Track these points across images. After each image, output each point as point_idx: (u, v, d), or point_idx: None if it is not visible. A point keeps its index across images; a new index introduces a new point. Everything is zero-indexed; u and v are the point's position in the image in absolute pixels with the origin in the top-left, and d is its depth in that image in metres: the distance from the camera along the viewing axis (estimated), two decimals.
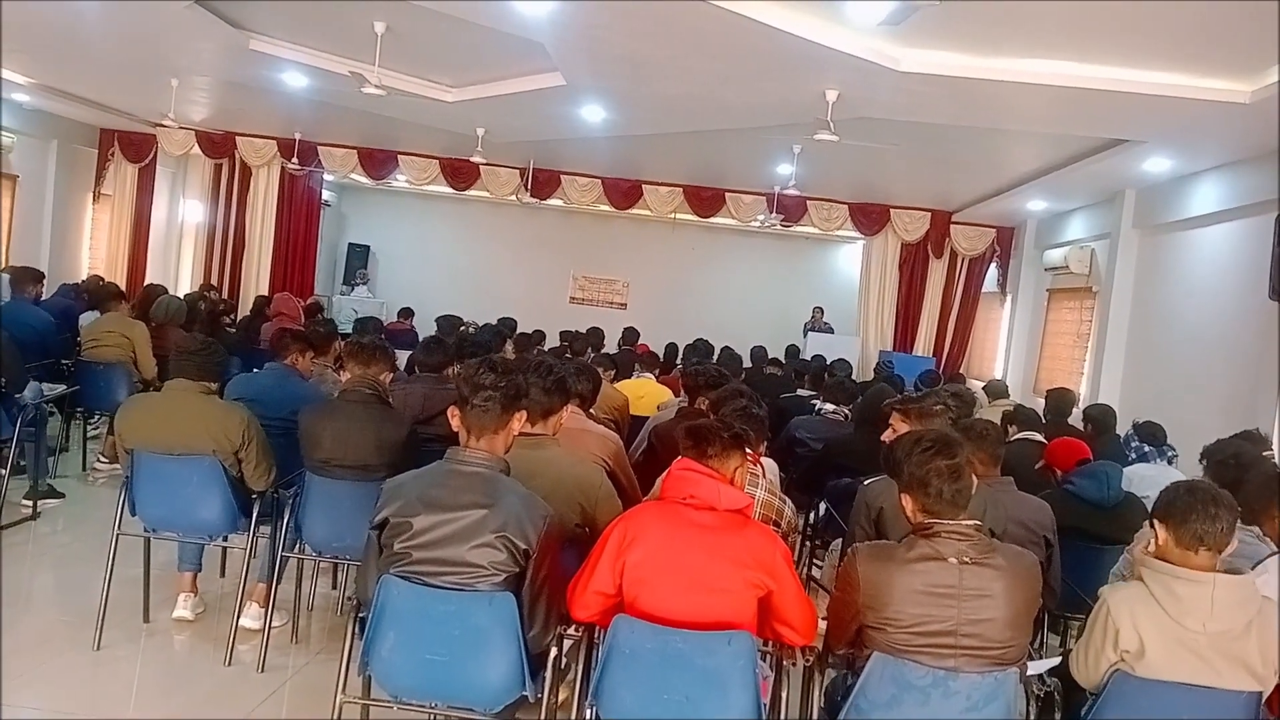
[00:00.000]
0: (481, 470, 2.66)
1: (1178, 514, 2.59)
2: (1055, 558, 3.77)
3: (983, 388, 8.43)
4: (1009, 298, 12.35)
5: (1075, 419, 6.75)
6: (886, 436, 3.71)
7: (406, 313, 11.98)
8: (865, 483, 3.69)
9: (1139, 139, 7.32)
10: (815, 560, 5.09)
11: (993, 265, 12.61)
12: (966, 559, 2.42)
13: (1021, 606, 2.47)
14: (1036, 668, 2.58)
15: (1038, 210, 11.20)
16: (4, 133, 10.67)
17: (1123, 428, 6.45)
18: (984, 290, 12.80)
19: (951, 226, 12.51)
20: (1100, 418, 6.12)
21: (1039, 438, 5.01)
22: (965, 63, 6.01)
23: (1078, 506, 4.16)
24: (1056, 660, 2.74)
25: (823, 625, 2.76)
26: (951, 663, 2.43)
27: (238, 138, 12.53)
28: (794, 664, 2.79)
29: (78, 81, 10.11)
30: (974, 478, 2.52)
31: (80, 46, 8.10)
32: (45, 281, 7.70)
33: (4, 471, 5.39)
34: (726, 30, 5.63)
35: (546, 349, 8.29)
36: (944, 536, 2.44)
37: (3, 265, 9.68)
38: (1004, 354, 12.22)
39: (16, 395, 5.39)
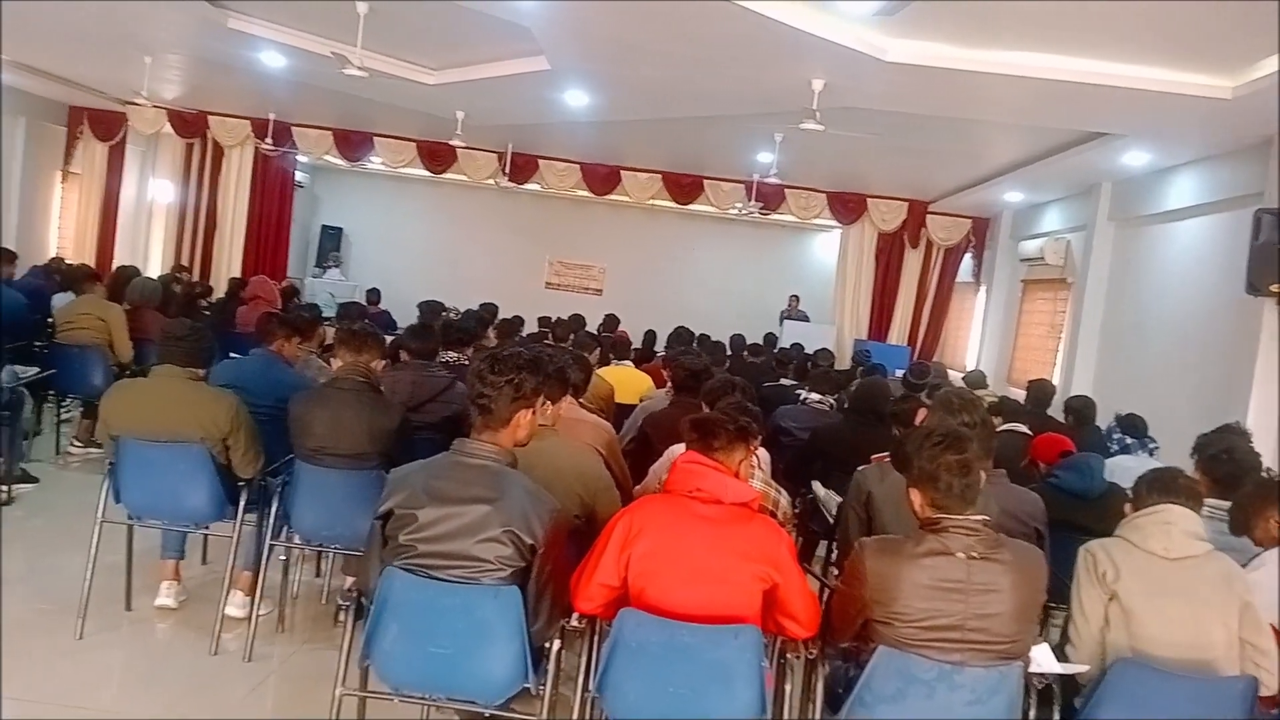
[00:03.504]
0: (488, 463, 2.64)
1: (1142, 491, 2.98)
2: (1045, 549, 3.80)
3: (962, 378, 8.49)
4: (983, 288, 12.47)
5: (1054, 409, 6.81)
6: None
7: (374, 295, 11.84)
8: (859, 469, 3.71)
9: (1119, 133, 7.40)
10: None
11: (967, 255, 12.71)
12: (975, 554, 2.44)
13: (1028, 600, 2.49)
14: (1044, 666, 2.59)
15: (1014, 201, 11.30)
16: None
17: (1100, 419, 6.51)
18: (959, 280, 12.90)
19: (928, 216, 12.60)
20: (1081, 409, 6.17)
21: (1024, 429, 5.04)
22: (951, 54, 6.04)
23: (1062, 498, 4.19)
24: (1083, 668, 2.77)
25: None
26: (958, 656, 2.44)
27: (210, 117, 12.34)
28: (798, 657, 2.79)
29: (47, 57, 9.90)
30: (982, 473, 2.53)
31: (51, 21, 7.91)
32: (17, 261, 7.54)
33: None
34: (717, 16, 5.61)
35: (524, 335, 8.24)
36: (952, 531, 2.45)
37: None
38: (978, 344, 12.33)
39: None
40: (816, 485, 4.80)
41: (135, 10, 7.33)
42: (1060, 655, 2.79)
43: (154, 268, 12.44)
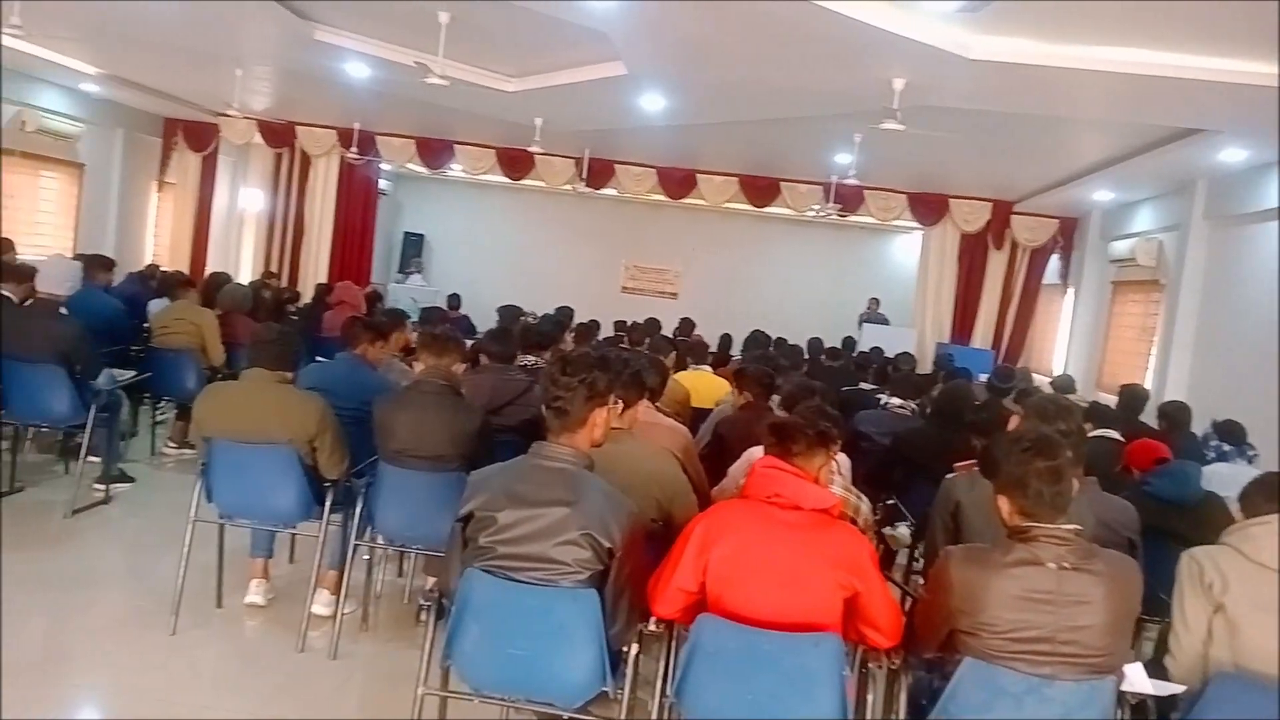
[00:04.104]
0: (565, 466, 2.65)
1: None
2: (1139, 559, 3.68)
3: (1050, 383, 8.27)
4: (1071, 290, 12.11)
5: (1147, 415, 6.59)
6: None
7: (454, 299, 12.01)
8: (948, 476, 3.63)
9: (1214, 128, 7.12)
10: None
11: (1054, 256, 12.37)
12: (1065, 564, 2.36)
13: (1121, 613, 2.41)
14: (1137, 685, 2.50)
15: (1104, 201, 10.95)
16: (72, 122, 10.90)
17: (1196, 425, 6.28)
18: (1045, 282, 12.56)
19: (1013, 217, 12.29)
20: (1175, 415, 5.97)
21: (1116, 435, 4.89)
22: (1037, 50, 5.88)
23: (1156, 506, 4.06)
24: (1178, 689, 2.66)
25: None
26: (1048, 670, 2.37)
27: (298, 127, 12.69)
28: (880, 666, 2.74)
29: (144, 71, 10.27)
30: (1075, 481, 2.45)
31: (148, 36, 8.21)
32: (115, 269, 7.84)
33: (88, 456, 5.54)
34: (795, 16, 5.56)
35: (600, 339, 8.28)
36: (1042, 541, 2.38)
37: (73, 253, 9.90)
38: (1066, 347, 11.99)
39: (91, 382, 5.49)
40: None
41: (226, 24, 7.57)
42: (1157, 669, 2.69)
43: (244, 274, 12.82)
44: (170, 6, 7.07)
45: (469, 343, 5.22)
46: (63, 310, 5.54)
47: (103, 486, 5.76)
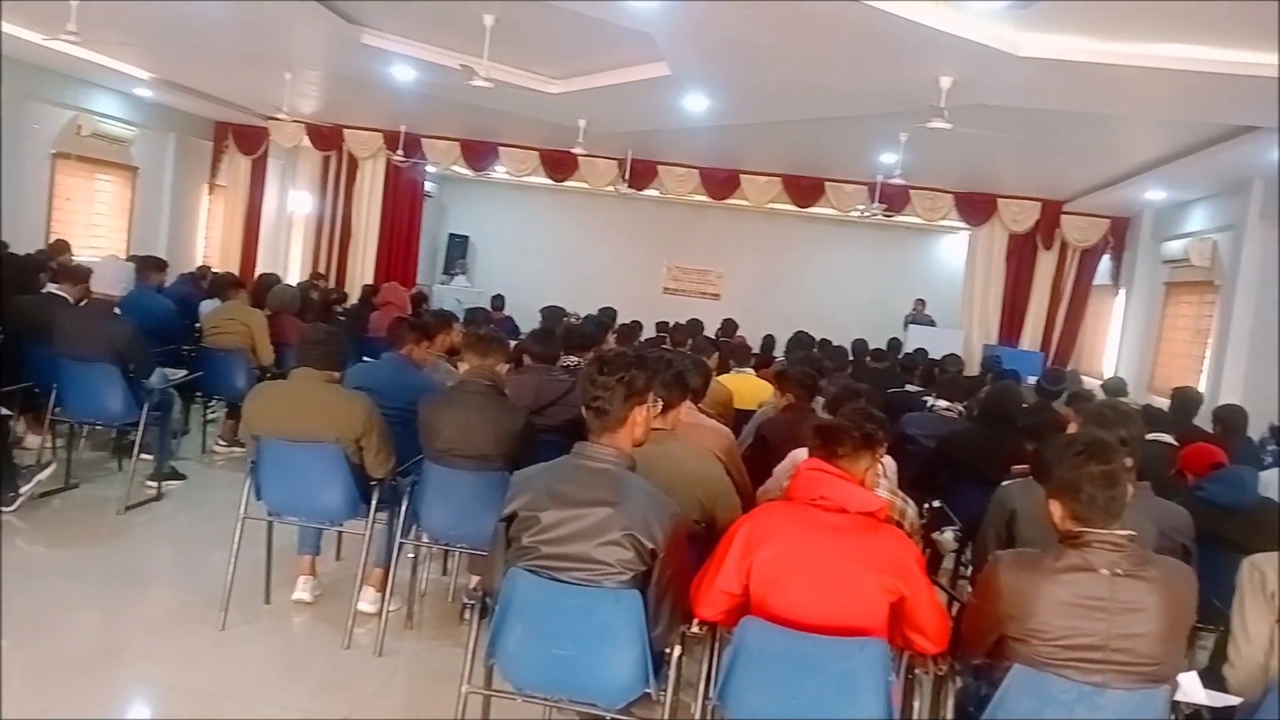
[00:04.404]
0: (608, 467, 2.64)
1: None
2: (1193, 565, 3.60)
3: (1101, 385, 8.12)
4: (1123, 291, 11.88)
5: (1200, 419, 6.45)
6: None
7: (498, 300, 12.09)
8: (1004, 483, 3.57)
9: (1269, 126, 6.93)
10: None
11: (1105, 257, 12.15)
12: (1119, 571, 2.31)
13: (1176, 621, 2.35)
14: (1191, 696, 2.43)
15: (1156, 200, 10.73)
16: (126, 126, 11.15)
17: (1252, 430, 6.13)
18: (1096, 283, 12.34)
19: (1062, 216, 12.09)
20: (1231, 419, 5.83)
21: (1169, 439, 4.78)
22: (1088, 47, 5.78)
23: (1210, 512, 3.96)
24: (1234, 700, 2.59)
25: None
26: (1099, 678, 2.32)
27: (345, 130, 12.85)
28: (926, 672, 2.70)
29: (196, 75, 10.48)
30: (1129, 486, 2.40)
31: (199, 41, 8.37)
32: (167, 270, 7.99)
33: (140, 454, 5.64)
34: (841, 15, 5.52)
35: (642, 340, 8.27)
36: (1095, 546, 2.33)
37: (126, 254, 10.11)
38: (1117, 349, 11.77)
39: (144, 381, 5.59)
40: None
41: (276, 28, 7.69)
42: (1213, 679, 2.63)
43: (293, 275, 13.01)
44: (221, 12, 7.20)
45: (513, 343, 5.25)
46: (117, 310, 5.65)
47: (155, 483, 5.87)
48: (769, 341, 9.70)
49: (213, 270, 10.40)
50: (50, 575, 4.57)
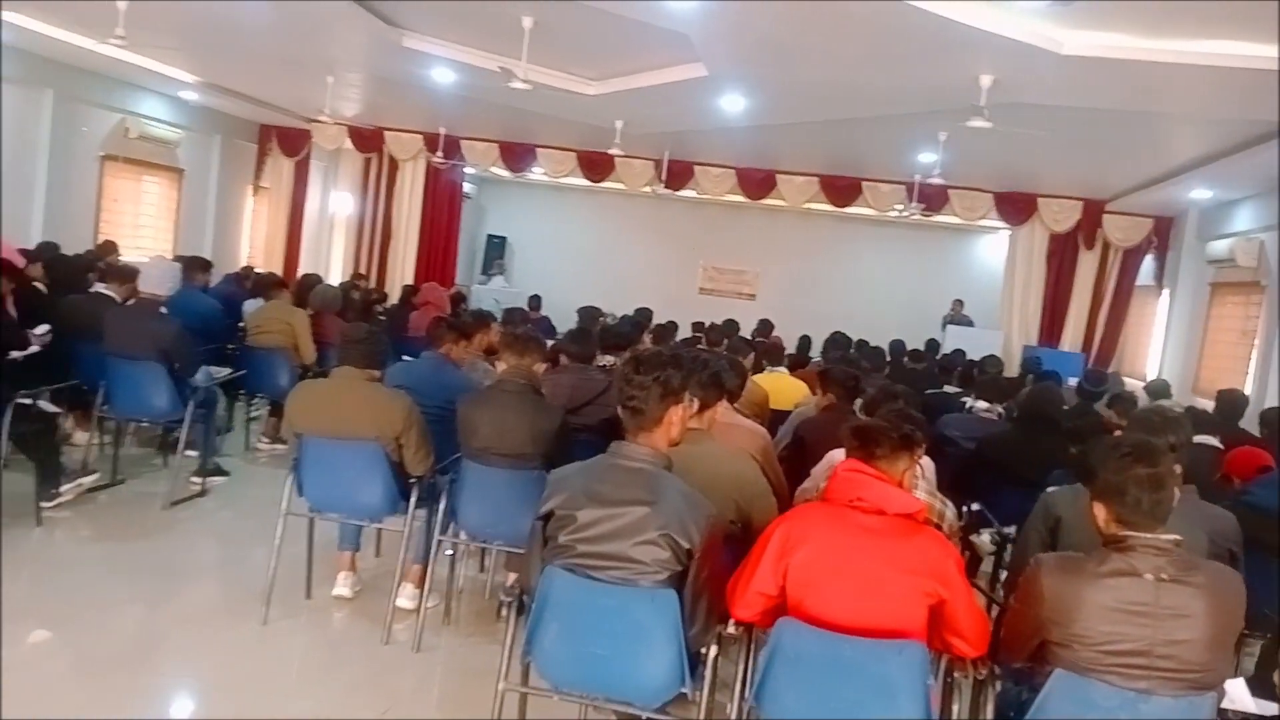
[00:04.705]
0: (644, 466, 2.65)
1: None
2: (1239, 571, 3.53)
3: (1144, 387, 8.00)
4: (1166, 291, 11.68)
5: (1246, 422, 6.32)
6: None
7: (535, 300, 12.15)
8: (1049, 489, 3.52)
9: None
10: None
11: (1149, 257, 11.95)
12: (1164, 576, 2.27)
13: (1223, 628, 2.31)
14: (1239, 703, 2.39)
15: (1201, 200, 10.53)
16: (172, 129, 11.34)
17: None
18: (1138, 283, 12.13)
19: (1104, 216, 11.91)
20: (1277, 422, 5.70)
21: (1215, 442, 4.70)
22: (1132, 44, 5.70)
23: (1256, 517, 3.89)
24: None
25: None
26: (1144, 684, 2.28)
27: (386, 132, 12.98)
28: (965, 676, 2.68)
29: (240, 79, 10.64)
30: (1176, 490, 2.36)
31: (243, 45, 8.50)
32: (212, 270, 8.11)
33: (185, 450, 5.75)
34: (881, 14, 5.48)
35: (678, 340, 8.27)
36: (1140, 551, 2.30)
37: (172, 255, 10.27)
38: (1160, 351, 11.57)
39: (189, 379, 5.69)
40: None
41: (318, 31, 7.78)
42: (1260, 685, 2.58)
43: (334, 276, 13.15)
44: (266, 15, 7.30)
45: (549, 343, 5.28)
46: (163, 310, 5.75)
47: (199, 480, 5.98)
48: (805, 342, 9.65)
49: (256, 270, 10.54)
50: (96, 568, 4.67)
